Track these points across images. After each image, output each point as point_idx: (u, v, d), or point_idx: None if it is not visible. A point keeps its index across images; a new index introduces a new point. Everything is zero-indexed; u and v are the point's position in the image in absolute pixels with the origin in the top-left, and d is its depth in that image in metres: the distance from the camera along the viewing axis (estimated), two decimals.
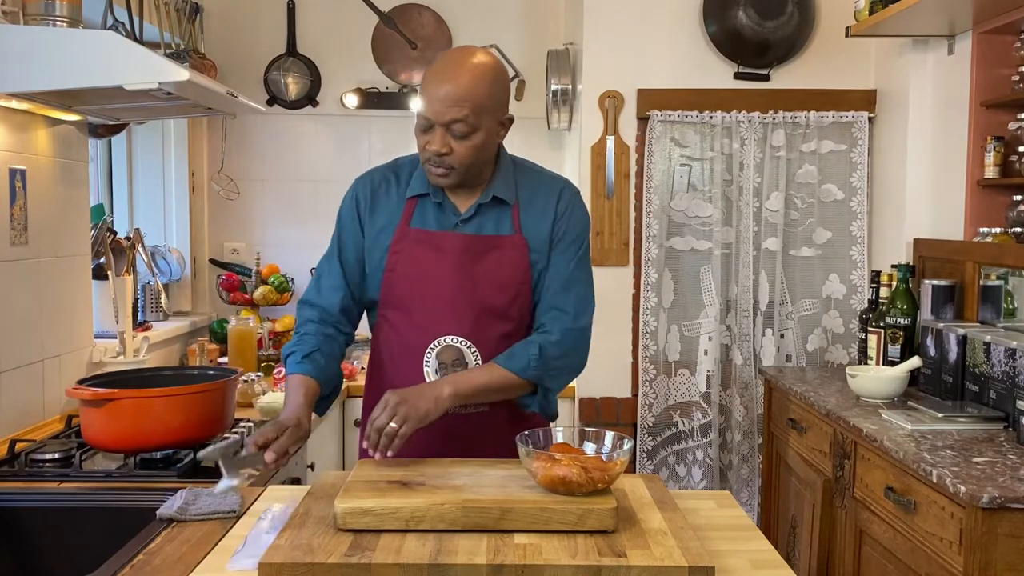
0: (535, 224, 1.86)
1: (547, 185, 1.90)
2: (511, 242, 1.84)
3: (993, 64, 2.82)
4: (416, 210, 1.86)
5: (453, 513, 1.41)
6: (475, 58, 1.76)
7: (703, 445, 3.44)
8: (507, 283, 1.83)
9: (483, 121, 1.74)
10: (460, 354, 1.82)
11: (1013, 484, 1.82)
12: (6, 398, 2.33)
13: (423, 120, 1.75)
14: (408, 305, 1.85)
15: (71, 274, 2.68)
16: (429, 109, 1.73)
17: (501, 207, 1.85)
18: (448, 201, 1.85)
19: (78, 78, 2.04)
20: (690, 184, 3.43)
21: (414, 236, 1.84)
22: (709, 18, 3.39)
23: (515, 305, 1.85)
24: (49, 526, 1.84)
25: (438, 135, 1.73)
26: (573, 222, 1.87)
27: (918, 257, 3.08)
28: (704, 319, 3.43)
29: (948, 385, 2.58)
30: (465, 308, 1.81)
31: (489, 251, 1.83)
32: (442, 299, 1.82)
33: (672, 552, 1.33)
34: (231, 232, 3.96)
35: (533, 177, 1.91)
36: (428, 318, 1.83)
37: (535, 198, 1.87)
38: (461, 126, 1.72)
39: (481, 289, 1.82)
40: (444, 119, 1.72)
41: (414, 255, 1.84)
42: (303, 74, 3.91)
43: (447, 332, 1.82)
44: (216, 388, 2.08)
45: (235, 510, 1.65)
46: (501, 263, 1.83)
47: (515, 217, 1.85)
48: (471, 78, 1.72)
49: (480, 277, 1.82)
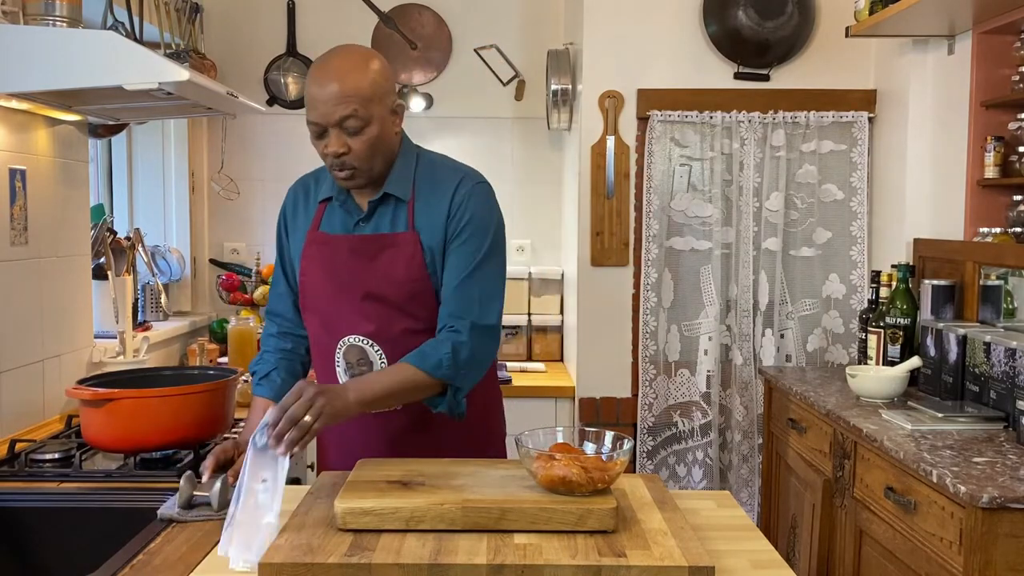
0: (429, 219, 1.83)
1: (445, 178, 1.86)
2: (404, 239, 1.83)
3: (993, 64, 2.82)
4: (325, 213, 1.90)
5: (453, 513, 1.41)
6: (348, 53, 1.77)
7: (703, 445, 3.44)
8: (402, 280, 1.82)
9: (373, 112, 1.74)
10: (364, 353, 1.84)
11: (1013, 484, 1.82)
12: (6, 398, 2.33)
13: (315, 127, 1.75)
14: (317, 307, 1.89)
15: (71, 274, 2.68)
16: (317, 113, 1.73)
17: (397, 204, 1.84)
18: (352, 202, 1.87)
19: (78, 78, 2.04)
20: (690, 184, 3.43)
21: (319, 239, 1.88)
22: (709, 18, 3.39)
23: (414, 302, 1.83)
24: (49, 526, 1.84)
25: (333, 137, 1.74)
26: (472, 215, 1.82)
27: (918, 257, 3.08)
28: (704, 319, 3.43)
29: (948, 385, 2.58)
30: (363, 307, 1.83)
31: (383, 250, 1.83)
32: (342, 299, 1.84)
33: (672, 552, 1.33)
34: (231, 232, 3.97)
35: (433, 171, 1.87)
36: (334, 319, 1.86)
37: (431, 193, 1.84)
38: (353, 121, 1.72)
39: (377, 288, 1.83)
40: (334, 119, 1.72)
41: (319, 258, 1.87)
42: (303, 74, 3.91)
43: (350, 332, 1.85)
44: (216, 388, 2.08)
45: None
46: (395, 261, 1.82)
47: (410, 213, 1.84)
48: (349, 72, 1.72)
49: (375, 276, 1.83)
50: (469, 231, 1.82)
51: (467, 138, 3.92)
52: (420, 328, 1.83)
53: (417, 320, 1.84)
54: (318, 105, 1.72)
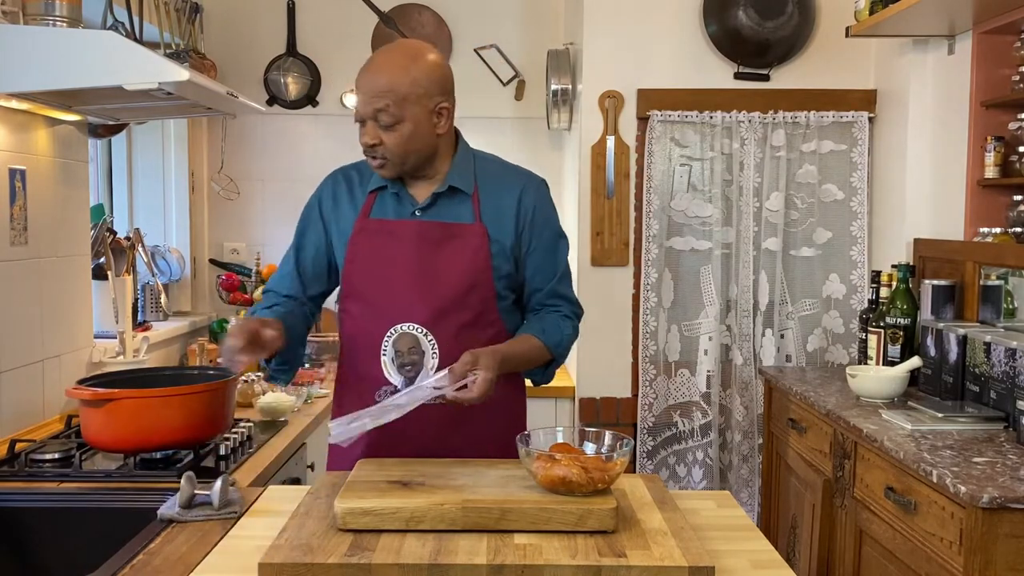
0: (497, 215, 1.87)
1: (510, 176, 1.93)
2: (471, 231, 1.85)
3: (993, 64, 2.82)
4: (376, 202, 1.90)
5: (453, 513, 1.41)
6: (399, 50, 1.81)
7: (703, 445, 3.44)
8: (466, 271, 1.84)
9: (407, 111, 1.77)
10: (417, 342, 1.83)
11: (1013, 484, 1.82)
12: (6, 398, 2.33)
13: (356, 115, 1.80)
14: (366, 295, 1.87)
15: (71, 274, 2.68)
16: (358, 102, 1.80)
17: (460, 197, 1.87)
18: (406, 192, 1.88)
19: (78, 78, 2.04)
20: (690, 184, 3.43)
21: (372, 226, 1.88)
22: (709, 18, 3.39)
23: (474, 294, 1.84)
24: (49, 526, 1.84)
25: (368, 127, 1.78)
26: (548, 219, 1.93)
27: (918, 257, 3.08)
28: (704, 319, 3.43)
29: (948, 385, 2.58)
30: (422, 295, 1.82)
31: (448, 239, 1.85)
32: (399, 287, 1.84)
33: (672, 552, 1.33)
34: (231, 232, 3.96)
35: (495, 169, 1.94)
36: (385, 306, 1.84)
37: (497, 189, 1.89)
38: (385, 116, 1.76)
39: (439, 277, 1.83)
40: (368, 111, 1.77)
41: (372, 244, 1.87)
42: (303, 74, 3.91)
43: (404, 320, 1.83)
44: (216, 388, 2.08)
45: (236, 510, 1.65)
46: (460, 251, 1.84)
47: (475, 206, 1.86)
48: (390, 69, 1.77)
49: (438, 265, 1.83)
50: (551, 234, 1.93)
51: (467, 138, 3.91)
52: (472, 321, 1.85)
53: (471, 312, 1.85)
54: (359, 95, 1.79)
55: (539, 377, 1.96)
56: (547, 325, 1.88)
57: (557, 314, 1.92)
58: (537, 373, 1.94)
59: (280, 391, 2.79)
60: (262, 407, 2.60)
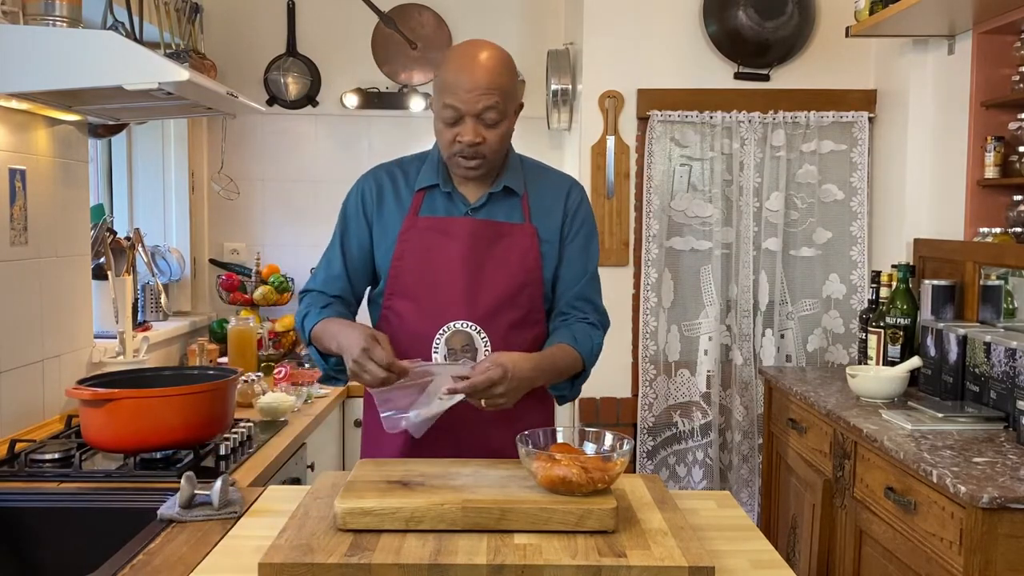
0: (545, 216, 1.89)
1: (556, 180, 1.96)
2: (522, 230, 1.87)
3: (993, 64, 2.82)
4: (425, 201, 1.88)
5: (453, 513, 1.41)
6: (495, 49, 1.81)
7: (703, 445, 3.44)
8: (517, 270, 1.85)
9: (508, 108, 1.79)
10: (470, 339, 1.83)
11: (1013, 484, 1.82)
12: (6, 398, 2.33)
13: (451, 112, 1.75)
14: (416, 293, 1.86)
15: (71, 274, 2.68)
16: (458, 99, 1.74)
17: (511, 198, 1.88)
18: (457, 192, 1.88)
19: (78, 78, 2.04)
20: (690, 184, 3.43)
21: (423, 224, 1.86)
22: (709, 18, 3.39)
23: (524, 293, 1.86)
24: (49, 526, 1.84)
25: (470, 126, 1.76)
26: (586, 218, 1.94)
27: (918, 257, 3.08)
28: (704, 319, 3.43)
29: (948, 385, 2.58)
30: (476, 293, 1.82)
31: (500, 238, 1.85)
32: (452, 284, 1.83)
33: (672, 552, 1.33)
34: (231, 232, 3.96)
35: (541, 172, 1.97)
36: (437, 304, 1.83)
37: (545, 191, 1.92)
38: (493, 114, 1.76)
39: (492, 275, 1.84)
40: (477, 108, 1.74)
41: (423, 242, 1.85)
42: (303, 74, 3.91)
43: (457, 317, 1.82)
44: (216, 388, 2.08)
45: (236, 510, 1.65)
46: (512, 250, 1.85)
47: (525, 207, 1.88)
48: (496, 66, 1.76)
49: (491, 263, 1.84)
50: (587, 232, 1.93)
51: None
52: (521, 320, 1.87)
53: (521, 311, 1.87)
54: (460, 92, 1.74)
55: (567, 392, 1.92)
56: (578, 333, 1.87)
57: (585, 322, 1.91)
58: (565, 387, 1.90)
59: (279, 391, 2.80)
60: (262, 407, 2.60)
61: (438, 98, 1.78)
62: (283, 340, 3.64)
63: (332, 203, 4.10)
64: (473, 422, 1.82)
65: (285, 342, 3.66)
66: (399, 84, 3.91)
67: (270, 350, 3.53)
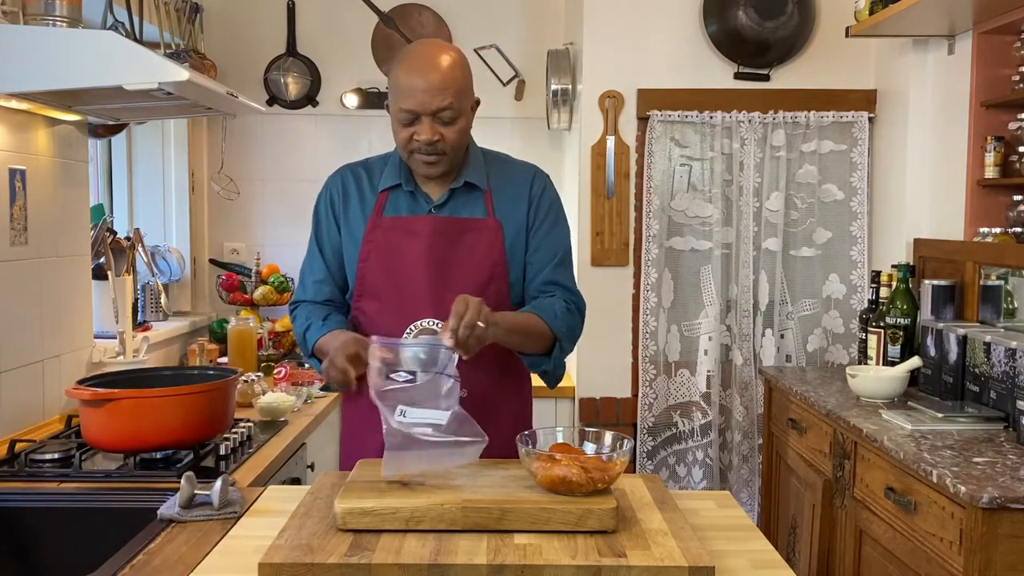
0: (509, 209, 1.90)
1: (519, 171, 1.96)
2: (485, 225, 1.88)
3: (993, 64, 2.82)
4: (388, 201, 1.90)
5: (453, 513, 1.41)
6: (447, 48, 1.83)
7: (703, 445, 3.44)
8: (481, 265, 1.86)
9: (464, 104, 1.81)
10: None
11: (1013, 484, 1.82)
12: (6, 398, 2.33)
13: (407, 114, 1.78)
14: (382, 292, 1.88)
15: (71, 274, 2.68)
16: (414, 101, 1.77)
17: (473, 193, 1.89)
18: (420, 190, 1.90)
19: (78, 78, 2.04)
20: (690, 184, 3.43)
21: (387, 223, 1.88)
22: (709, 18, 3.39)
23: (491, 287, 1.86)
24: (49, 526, 1.84)
25: (427, 125, 1.78)
26: (554, 206, 1.94)
27: (918, 257, 3.08)
28: (704, 319, 3.43)
29: (948, 385, 2.58)
30: (440, 291, 1.82)
31: (463, 234, 1.86)
32: (417, 283, 1.84)
33: (672, 552, 1.33)
34: (231, 232, 3.96)
35: (503, 164, 1.97)
36: (403, 303, 1.85)
37: (507, 184, 1.92)
38: (449, 112, 1.78)
39: (456, 272, 1.84)
40: (431, 108, 1.77)
41: (388, 242, 1.87)
42: (303, 74, 3.91)
43: (423, 315, 1.83)
44: (216, 388, 2.08)
45: (236, 510, 1.65)
46: (476, 246, 1.86)
47: (487, 202, 1.89)
48: (449, 66, 1.79)
49: (455, 260, 1.85)
50: (552, 218, 1.93)
51: None
52: None
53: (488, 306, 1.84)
54: (416, 94, 1.76)
55: (546, 364, 1.90)
56: (539, 303, 1.87)
57: (550, 298, 1.89)
58: (543, 361, 1.89)
59: (279, 391, 2.80)
60: (262, 407, 2.60)
61: (394, 101, 1.80)
62: (283, 340, 3.64)
63: None
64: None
65: (285, 342, 3.66)
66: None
67: (270, 350, 3.53)
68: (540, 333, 1.84)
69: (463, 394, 1.84)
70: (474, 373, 1.82)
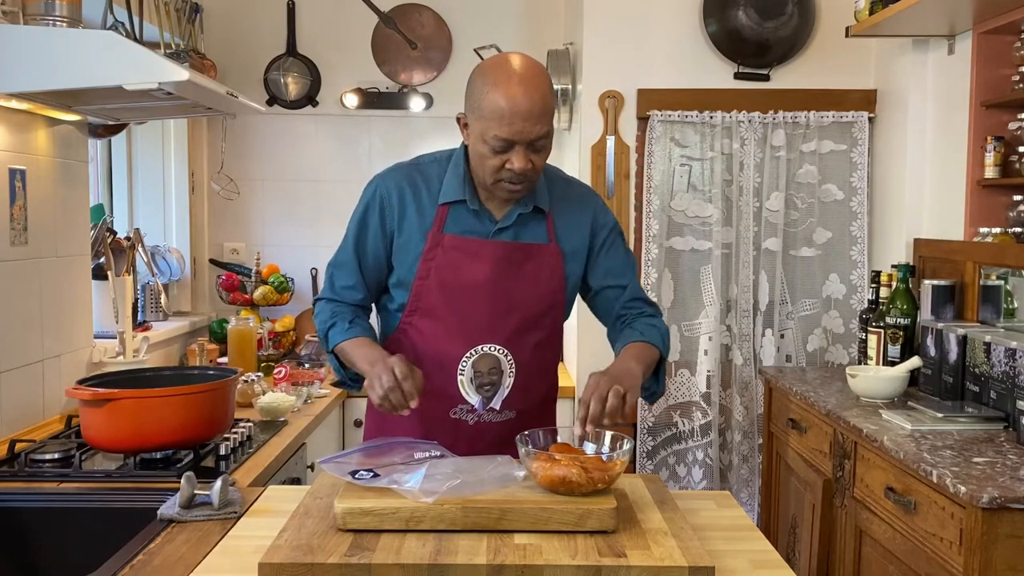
0: (570, 233, 1.86)
1: (581, 194, 1.92)
2: (547, 251, 1.84)
3: (993, 64, 2.82)
4: (449, 216, 1.81)
5: (453, 513, 1.41)
6: (539, 68, 1.71)
7: (703, 445, 3.44)
8: (544, 292, 1.84)
9: (552, 129, 1.73)
10: (497, 362, 1.82)
11: (1013, 484, 1.82)
12: (6, 398, 2.33)
13: (501, 143, 1.66)
14: (441, 313, 1.81)
15: (71, 274, 2.68)
16: (512, 129, 1.64)
17: (537, 216, 1.84)
18: (484, 208, 1.81)
19: (78, 78, 2.04)
20: (690, 184, 3.43)
21: (449, 243, 1.80)
22: (709, 18, 3.39)
23: (548, 314, 1.86)
24: (49, 526, 1.84)
25: (521, 154, 1.67)
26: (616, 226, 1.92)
27: (918, 257, 3.08)
28: (704, 319, 3.43)
29: (948, 385, 2.58)
30: (503, 317, 1.80)
31: (527, 260, 1.82)
32: (479, 307, 1.80)
33: (672, 552, 1.33)
34: (231, 232, 3.97)
35: (564, 185, 1.92)
36: (464, 326, 1.80)
37: (569, 207, 1.87)
38: (544, 140, 1.69)
39: (519, 298, 1.81)
40: (530, 137, 1.66)
41: (450, 262, 1.79)
42: (303, 74, 3.91)
43: (484, 341, 1.80)
44: (216, 388, 2.08)
45: (236, 510, 1.65)
46: (538, 272, 1.83)
47: (550, 226, 1.85)
48: (548, 89, 1.69)
49: (517, 287, 1.81)
50: (615, 236, 1.91)
51: None
52: (546, 340, 1.88)
53: (545, 332, 1.87)
54: (516, 122, 1.64)
55: (654, 386, 1.88)
56: (641, 327, 1.84)
57: (642, 316, 1.89)
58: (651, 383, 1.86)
59: (279, 391, 2.80)
60: (262, 407, 2.60)
61: (482, 123, 1.67)
62: (283, 340, 3.64)
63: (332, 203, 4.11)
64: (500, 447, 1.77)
65: (285, 342, 3.66)
66: (399, 84, 3.92)
67: (270, 350, 3.53)
68: (655, 360, 1.82)
69: (511, 415, 1.86)
70: (524, 396, 1.85)
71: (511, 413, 1.85)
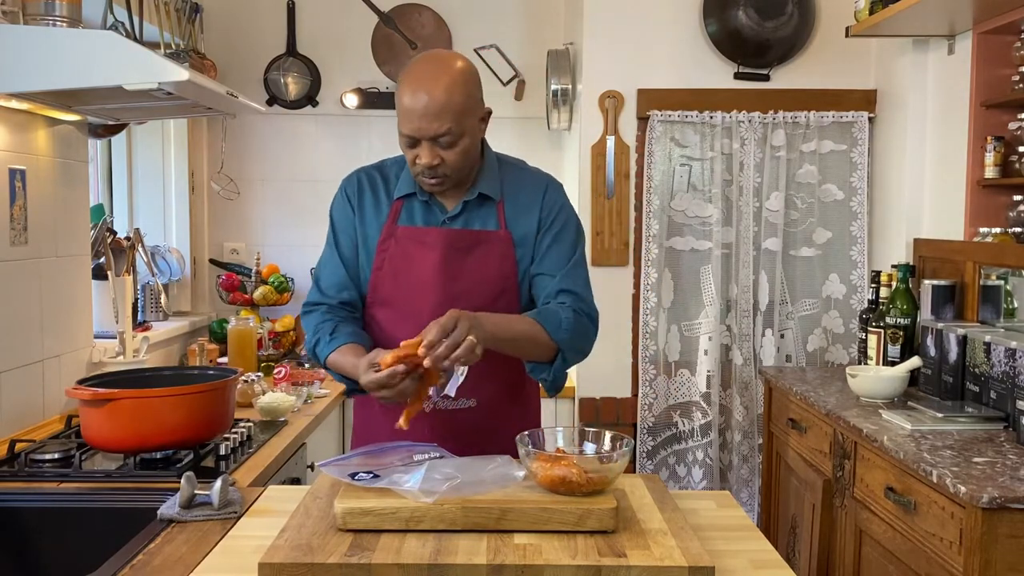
0: (520, 220, 1.88)
1: (532, 181, 1.92)
2: (497, 237, 1.86)
3: (993, 64, 2.82)
4: (403, 209, 1.88)
5: (453, 513, 1.41)
6: (445, 67, 1.75)
7: (703, 445, 3.44)
8: (493, 278, 1.85)
9: (465, 125, 1.75)
10: None
11: (1013, 484, 1.82)
12: (6, 398, 2.33)
13: (406, 139, 1.75)
14: (394, 302, 1.87)
15: (71, 274, 2.68)
16: (411, 126, 1.73)
17: (487, 204, 1.87)
18: (435, 200, 1.88)
19: (78, 78, 2.04)
20: (690, 184, 3.43)
21: (401, 233, 1.87)
22: (709, 18, 3.39)
23: (500, 301, 1.85)
24: (49, 526, 1.84)
25: (426, 149, 1.74)
26: (564, 212, 1.90)
27: (918, 257, 3.08)
28: (704, 319, 3.43)
29: (948, 385, 2.58)
30: (453, 302, 1.79)
31: (475, 246, 1.85)
32: (428, 294, 1.83)
33: (672, 552, 1.33)
34: (231, 232, 3.97)
35: (518, 174, 1.93)
36: (415, 313, 1.83)
37: (520, 194, 1.89)
38: (447, 137, 1.74)
39: (467, 284, 1.84)
40: (429, 134, 1.73)
41: (401, 251, 1.86)
42: (303, 74, 3.91)
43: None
44: (216, 388, 2.08)
45: (236, 510, 1.65)
46: (487, 258, 1.85)
47: (500, 213, 1.87)
48: (446, 88, 1.71)
49: (466, 272, 1.84)
50: (561, 224, 1.88)
51: None
52: None
53: None
54: (412, 119, 1.71)
55: (547, 374, 1.85)
56: (544, 310, 1.82)
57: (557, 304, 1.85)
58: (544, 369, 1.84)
59: (279, 391, 2.80)
60: (262, 407, 2.60)
61: (398, 120, 1.76)
62: (283, 340, 3.64)
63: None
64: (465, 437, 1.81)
65: (285, 342, 3.66)
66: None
67: (270, 350, 3.53)
68: (539, 341, 1.79)
69: (472, 404, 1.86)
70: (483, 384, 1.82)
71: (470, 401, 1.85)
